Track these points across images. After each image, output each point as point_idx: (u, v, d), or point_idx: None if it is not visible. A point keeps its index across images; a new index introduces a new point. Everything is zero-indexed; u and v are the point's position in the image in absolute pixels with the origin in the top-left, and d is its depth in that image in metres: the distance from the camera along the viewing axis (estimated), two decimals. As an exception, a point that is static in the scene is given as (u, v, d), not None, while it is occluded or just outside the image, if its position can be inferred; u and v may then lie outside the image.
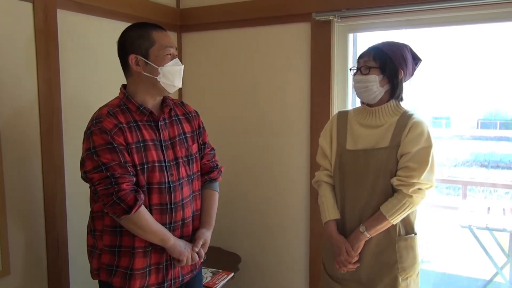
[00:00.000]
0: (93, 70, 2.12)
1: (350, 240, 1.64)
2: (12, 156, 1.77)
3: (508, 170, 5.36)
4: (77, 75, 2.04)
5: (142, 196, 1.43)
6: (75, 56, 2.02)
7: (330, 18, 2.17)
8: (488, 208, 3.68)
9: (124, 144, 1.42)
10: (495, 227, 3.29)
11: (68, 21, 1.97)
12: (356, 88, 1.67)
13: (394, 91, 1.64)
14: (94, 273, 1.55)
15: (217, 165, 1.74)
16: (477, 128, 5.35)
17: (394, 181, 1.57)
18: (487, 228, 3.31)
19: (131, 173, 1.41)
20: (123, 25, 2.23)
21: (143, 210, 1.44)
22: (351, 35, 2.26)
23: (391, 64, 1.61)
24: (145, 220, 1.44)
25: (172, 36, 2.59)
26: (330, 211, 1.72)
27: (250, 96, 2.51)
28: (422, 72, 1.78)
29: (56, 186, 1.92)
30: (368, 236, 1.60)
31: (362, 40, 2.32)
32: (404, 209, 1.56)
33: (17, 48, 1.78)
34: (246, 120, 2.54)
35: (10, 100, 1.75)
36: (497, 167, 5.42)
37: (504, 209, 3.64)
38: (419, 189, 1.56)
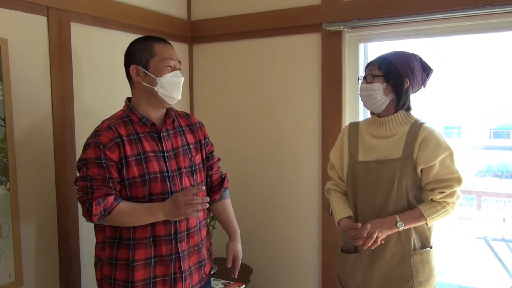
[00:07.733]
0: (106, 83, 2.14)
1: (382, 224, 1.55)
2: (26, 168, 1.79)
3: (523, 179, 5.27)
4: (90, 88, 2.06)
5: (110, 199, 1.42)
6: (88, 69, 2.05)
7: (341, 29, 2.17)
8: (504, 219, 3.62)
9: (116, 160, 1.45)
10: (512, 239, 3.24)
11: (82, 34, 2.00)
12: (361, 96, 1.68)
13: (399, 101, 1.63)
14: (98, 284, 1.57)
15: (222, 173, 1.80)
16: (490, 137, 5.28)
17: (436, 195, 1.55)
18: (503, 240, 3.25)
19: (111, 187, 1.45)
20: (135, 38, 2.27)
21: (117, 209, 1.43)
22: (361, 45, 2.26)
23: (395, 73, 1.60)
24: (123, 215, 1.44)
25: (183, 47, 2.63)
26: (340, 211, 1.71)
27: (261, 106, 2.51)
28: (433, 81, 1.76)
29: (69, 198, 1.93)
30: (401, 230, 1.56)
31: (373, 50, 2.32)
32: (445, 215, 1.58)
33: (31, 61, 1.81)
34: (257, 131, 2.54)
35: (24, 112, 1.78)
36: (511, 177, 5.33)
37: (520, 220, 3.58)
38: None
